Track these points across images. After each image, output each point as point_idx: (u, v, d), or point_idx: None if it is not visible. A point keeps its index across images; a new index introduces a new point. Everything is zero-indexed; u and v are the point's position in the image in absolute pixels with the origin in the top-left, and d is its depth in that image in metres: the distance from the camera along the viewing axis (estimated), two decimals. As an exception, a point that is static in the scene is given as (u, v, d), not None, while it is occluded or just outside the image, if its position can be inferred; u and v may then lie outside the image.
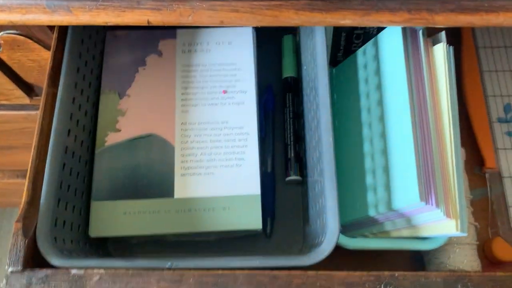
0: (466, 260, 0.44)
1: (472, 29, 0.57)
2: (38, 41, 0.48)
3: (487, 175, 0.51)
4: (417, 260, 0.47)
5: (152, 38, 0.49)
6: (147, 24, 0.37)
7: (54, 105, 0.41)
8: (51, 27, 0.45)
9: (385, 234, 0.42)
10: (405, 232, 0.40)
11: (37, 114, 0.65)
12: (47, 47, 0.49)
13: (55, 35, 0.44)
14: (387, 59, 0.42)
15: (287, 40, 0.53)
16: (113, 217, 0.43)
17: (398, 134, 0.39)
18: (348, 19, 0.36)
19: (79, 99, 0.43)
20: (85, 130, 0.44)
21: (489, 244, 0.48)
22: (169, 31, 0.50)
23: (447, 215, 0.36)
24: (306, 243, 0.45)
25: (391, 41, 0.42)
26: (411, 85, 0.40)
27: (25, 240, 0.37)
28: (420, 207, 0.37)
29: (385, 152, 0.40)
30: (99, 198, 0.43)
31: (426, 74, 0.41)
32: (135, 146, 0.45)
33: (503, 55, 0.56)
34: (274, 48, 0.54)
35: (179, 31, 0.50)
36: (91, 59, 0.46)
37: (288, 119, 0.50)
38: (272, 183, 0.48)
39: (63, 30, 0.44)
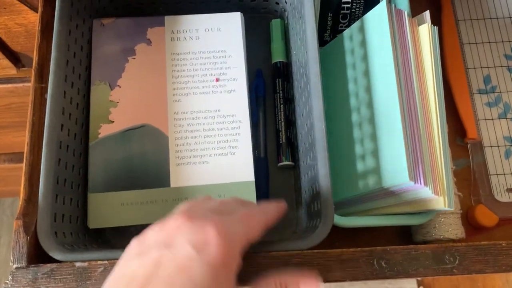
0: (451, 228, 0.46)
1: (452, 2, 0.58)
2: (25, 2, 0.47)
3: (469, 146, 0.53)
4: (403, 231, 0.49)
5: (140, 26, 0.48)
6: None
7: (43, 100, 0.41)
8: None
9: (376, 211, 0.43)
10: (395, 209, 0.42)
11: (25, 86, 0.63)
12: (34, 9, 0.48)
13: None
14: (373, 41, 0.43)
15: (275, 25, 0.52)
16: (111, 208, 0.43)
17: (386, 118, 0.40)
18: None
19: (70, 92, 0.42)
20: (78, 123, 0.44)
21: (472, 211, 0.50)
22: (157, 18, 0.49)
23: (435, 192, 0.38)
24: (300, 225, 0.46)
25: (376, 22, 0.42)
26: (397, 66, 0.41)
27: (27, 237, 0.37)
28: (409, 186, 0.38)
29: (374, 135, 0.41)
30: (96, 190, 0.44)
31: (412, 55, 0.42)
32: (129, 137, 0.45)
33: (482, 27, 0.57)
34: (262, 32, 0.53)
35: (167, 18, 0.49)
36: (79, 50, 0.45)
37: (279, 104, 0.50)
38: (265, 168, 0.49)
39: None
